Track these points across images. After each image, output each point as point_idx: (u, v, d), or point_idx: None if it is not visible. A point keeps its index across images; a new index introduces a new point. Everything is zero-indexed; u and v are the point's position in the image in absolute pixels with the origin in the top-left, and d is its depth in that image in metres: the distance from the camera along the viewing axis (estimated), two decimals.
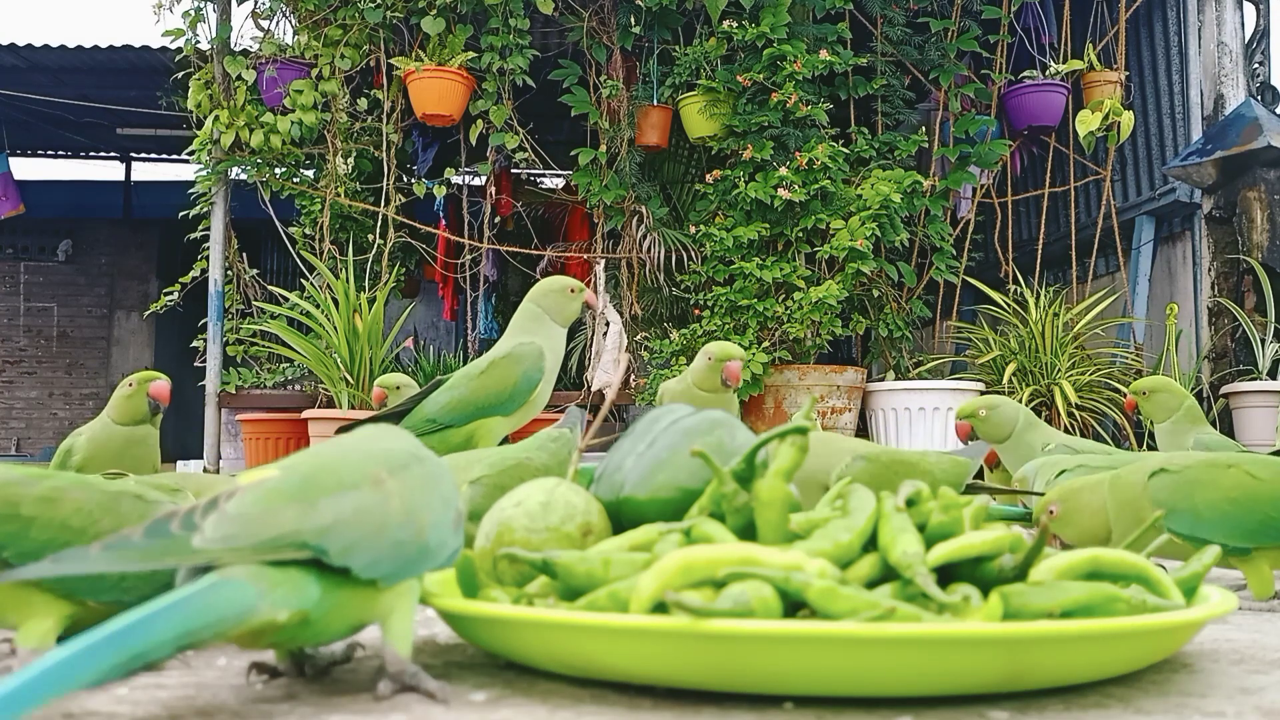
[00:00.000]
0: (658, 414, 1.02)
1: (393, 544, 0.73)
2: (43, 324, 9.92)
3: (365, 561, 0.71)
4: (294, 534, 0.69)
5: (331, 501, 0.72)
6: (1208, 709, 0.73)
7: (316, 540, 0.70)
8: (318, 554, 0.70)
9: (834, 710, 0.71)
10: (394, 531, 0.74)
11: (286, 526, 0.70)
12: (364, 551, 0.71)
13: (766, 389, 4.27)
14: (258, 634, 0.70)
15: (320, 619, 0.71)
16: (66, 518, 0.83)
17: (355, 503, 0.73)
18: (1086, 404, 4.36)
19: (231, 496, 0.71)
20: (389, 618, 0.74)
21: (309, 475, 0.74)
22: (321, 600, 0.70)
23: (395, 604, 0.74)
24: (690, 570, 0.74)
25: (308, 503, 0.71)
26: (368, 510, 0.73)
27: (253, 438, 4.33)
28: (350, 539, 0.71)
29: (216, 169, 4.70)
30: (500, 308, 6.55)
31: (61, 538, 0.82)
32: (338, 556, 0.70)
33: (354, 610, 0.73)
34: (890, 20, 4.97)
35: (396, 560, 0.73)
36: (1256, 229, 4.62)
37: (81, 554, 0.65)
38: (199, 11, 4.71)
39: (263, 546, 0.68)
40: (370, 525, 0.73)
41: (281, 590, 0.68)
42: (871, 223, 4.26)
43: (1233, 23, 5.08)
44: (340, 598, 0.71)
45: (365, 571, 0.71)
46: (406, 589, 0.75)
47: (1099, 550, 0.84)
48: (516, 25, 4.55)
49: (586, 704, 0.73)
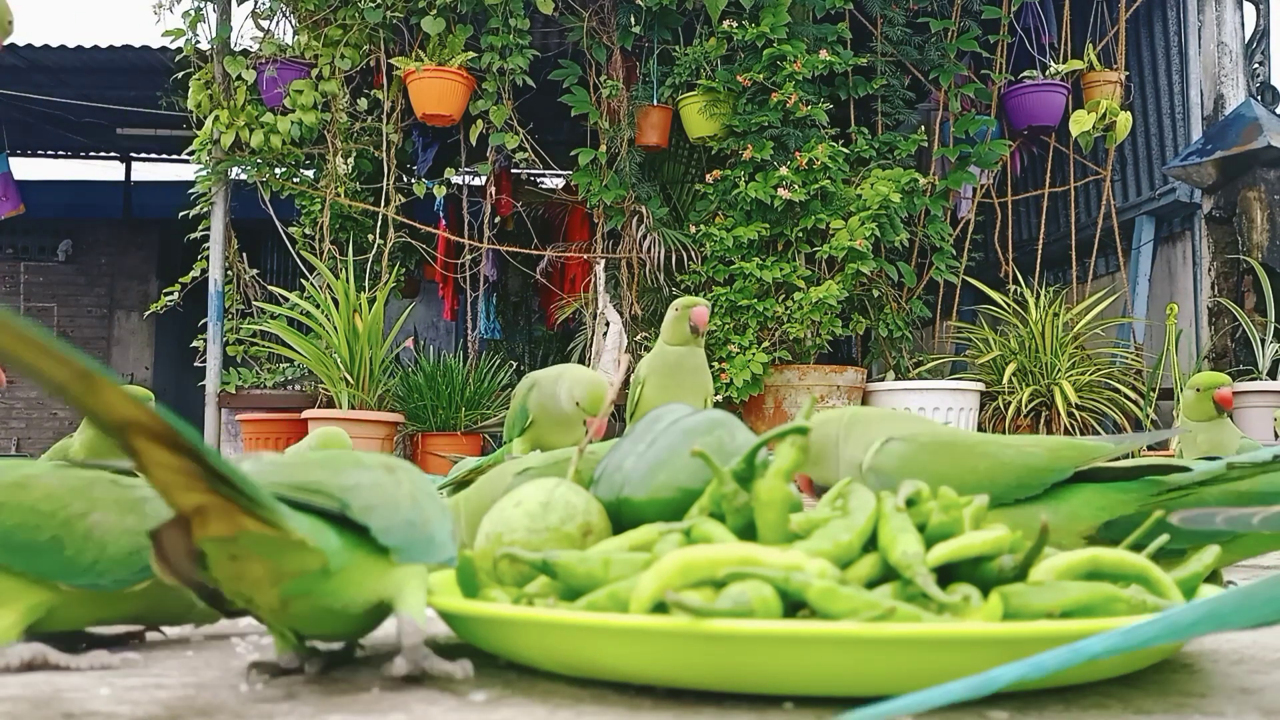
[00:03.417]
0: (658, 414, 1.02)
1: (405, 522, 0.76)
2: (43, 324, 9.91)
3: (383, 525, 0.74)
4: (319, 483, 0.73)
5: (352, 472, 0.76)
6: (1208, 709, 0.73)
7: (341, 495, 0.73)
8: (342, 507, 0.72)
9: (834, 710, 0.71)
10: (406, 511, 0.77)
11: (315, 478, 0.74)
12: (381, 516, 0.74)
13: (766, 389, 4.27)
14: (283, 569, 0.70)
15: (337, 573, 0.72)
16: (35, 502, 0.84)
17: (372, 479, 0.77)
18: (1086, 404, 4.36)
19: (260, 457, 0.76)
20: (403, 589, 0.76)
21: (326, 454, 0.79)
22: (339, 553, 0.71)
23: (408, 580, 0.76)
24: (690, 570, 0.74)
25: (332, 469, 0.76)
26: (383, 487, 0.77)
27: (253, 438, 4.33)
28: (370, 502, 0.74)
29: (216, 169, 4.70)
30: (500, 308, 6.55)
31: (30, 521, 0.83)
32: (359, 513, 0.73)
33: (368, 578, 0.74)
34: (890, 20, 4.97)
35: (409, 537, 0.76)
36: (1256, 229, 4.62)
37: None
38: (199, 11, 4.72)
39: (295, 488, 0.71)
40: (386, 498, 0.76)
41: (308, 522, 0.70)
42: (871, 223, 4.27)
43: (1233, 23, 5.08)
44: (356, 559, 0.73)
45: (382, 536, 0.74)
46: (417, 571, 0.77)
47: (1099, 550, 0.84)
48: (516, 25, 4.55)
49: (586, 704, 0.73)
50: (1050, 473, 1.09)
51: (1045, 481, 1.08)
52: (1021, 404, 4.40)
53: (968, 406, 4.43)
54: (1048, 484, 1.08)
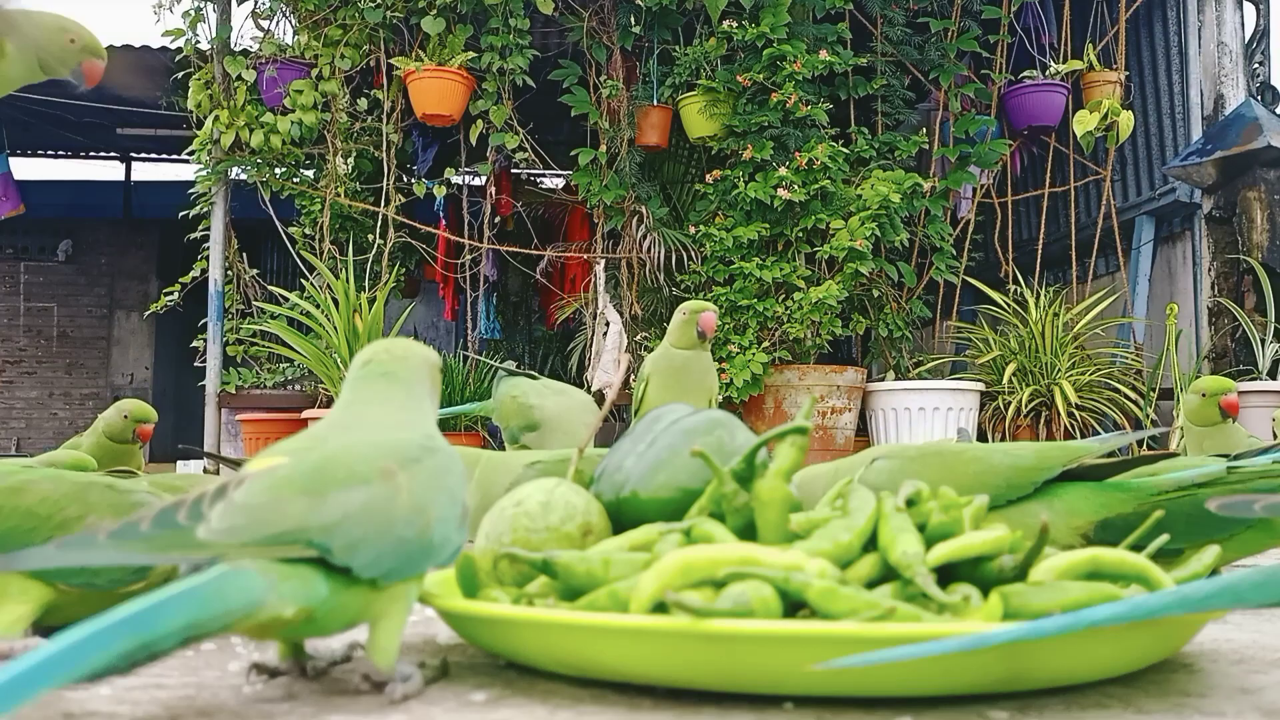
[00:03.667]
0: (658, 414, 1.02)
1: (397, 541, 0.73)
2: (43, 324, 9.91)
3: (367, 560, 0.71)
4: (299, 530, 0.69)
5: (340, 496, 0.71)
6: (1208, 709, 0.73)
7: (321, 538, 0.69)
8: (321, 552, 0.69)
9: (834, 710, 0.71)
10: (400, 528, 0.73)
11: (292, 522, 0.69)
12: (367, 549, 0.71)
13: (766, 389, 4.27)
14: (265, 627, 0.69)
15: (325, 616, 0.71)
16: (32, 506, 0.85)
17: (364, 498, 0.72)
18: (1086, 404, 4.36)
19: (240, 484, 0.71)
20: (377, 624, 0.74)
21: (319, 466, 0.73)
22: (327, 599, 0.70)
23: (388, 608, 0.74)
24: (690, 570, 0.74)
25: (316, 496, 0.71)
26: (375, 506, 0.73)
27: (253, 438, 4.33)
28: (355, 536, 0.70)
29: (216, 169, 4.70)
30: (500, 308, 6.55)
31: (26, 524, 0.84)
32: (340, 554, 0.70)
33: (354, 608, 0.73)
34: (890, 20, 4.97)
35: (399, 558, 0.73)
36: (1256, 229, 4.62)
37: (89, 540, 0.65)
38: (199, 11, 4.72)
39: (267, 541, 0.68)
40: (377, 522, 0.72)
41: (290, 584, 0.68)
42: (871, 223, 4.26)
43: (1233, 23, 5.08)
44: (344, 595, 0.71)
45: (365, 571, 0.71)
46: (403, 591, 0.75)
47: (1099, 550, 0.84)
48: (516, 25, 4.55)
49: (586, 704, 0.73)
50: (1038, 472, 1.10)
51: (1034, 481, 1.09)
52: (1021, 404, 4.40)
53: (968, 406, 4.43)
54: (1037, 483, 1.09)
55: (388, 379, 0.87)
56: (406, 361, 0.89)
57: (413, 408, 0.86)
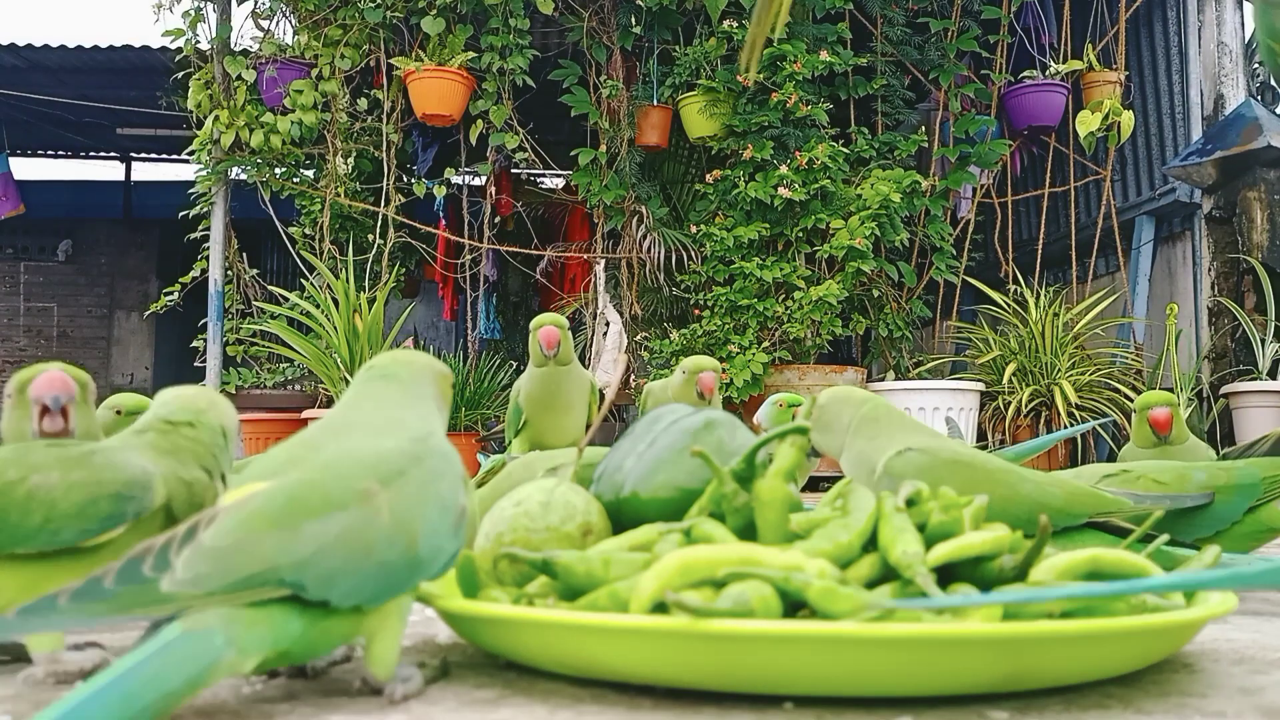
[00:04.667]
0: (658, 414, 1.02)
1: (378, 565, 0.71)
2: (43, 324, 9.91)
3: (346, 589, 0.69)
4: (269, 570, 0.67)
5: (314, 527, 0.70)
6: (1208, 709, 0.73)
7: (294, 575, 0.67)
8: (295, 589, 0.67)
9: (834, 710, 0.71)
10: (381, 552, 0.71)
11: (262, 563, 0.67)
12: (345, 579, 0.69)
13: (766, 389, 4.26)
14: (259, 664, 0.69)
15: (303, 650, 0.70)
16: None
17: (340, 526, 0.70)
18: (1086, 404, 4.36)
19: (211, 522, 0.69)
20: (373, 638, 0.73)
21: (293, 494, 0.71)
22: (304, 634, 0.69)
23: (381, 624, 0.73)
24: (690, 570, 0.74)
25: (288, 530, 0.69)
26: (352, 532, 0.71)
27: (253, 438, 4.33)
28: (330, 567, 0.69)
29: (216, 169, 4.70)
30: (500, 308, 6.55)
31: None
32: (315, 589, 0.68)
33: (338, 634, 0.72)
34: (890, 20, 4.97)
35: (381, 582, 0.71)
36: (1256, 229, 4.62)
37: (49, 606, 0.63)
38: (199, 11, 4.72)
39: (235, 587, 0.66)
40: (354, 549, 0.70)
41: (256, 632, 0.66)
42: (871, 222, 4.27)
43: (1233, 23, 5.08)
44: (324, 626, 0.70)
45: (344, 600, 0.69)
46: (394, 607, 0.74)
47: (1099, 550, 0.84)
48: (516, 25, 4.55)
49: (586, 704, 0.73)
50: (1064, 516, 1.09)
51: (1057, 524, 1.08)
52: (1021, 404, 4.40)
53: (968, 406, 4.42)
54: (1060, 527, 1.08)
55: (388, 380, 0.87)
56: (410, 366, 0.89)
57: (409, 406, 0.85)
